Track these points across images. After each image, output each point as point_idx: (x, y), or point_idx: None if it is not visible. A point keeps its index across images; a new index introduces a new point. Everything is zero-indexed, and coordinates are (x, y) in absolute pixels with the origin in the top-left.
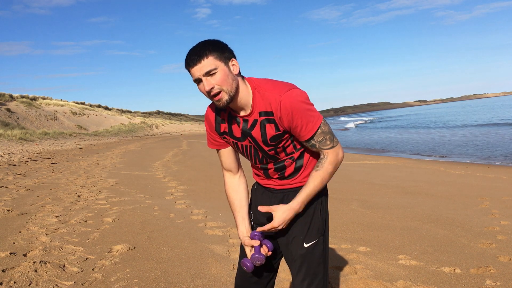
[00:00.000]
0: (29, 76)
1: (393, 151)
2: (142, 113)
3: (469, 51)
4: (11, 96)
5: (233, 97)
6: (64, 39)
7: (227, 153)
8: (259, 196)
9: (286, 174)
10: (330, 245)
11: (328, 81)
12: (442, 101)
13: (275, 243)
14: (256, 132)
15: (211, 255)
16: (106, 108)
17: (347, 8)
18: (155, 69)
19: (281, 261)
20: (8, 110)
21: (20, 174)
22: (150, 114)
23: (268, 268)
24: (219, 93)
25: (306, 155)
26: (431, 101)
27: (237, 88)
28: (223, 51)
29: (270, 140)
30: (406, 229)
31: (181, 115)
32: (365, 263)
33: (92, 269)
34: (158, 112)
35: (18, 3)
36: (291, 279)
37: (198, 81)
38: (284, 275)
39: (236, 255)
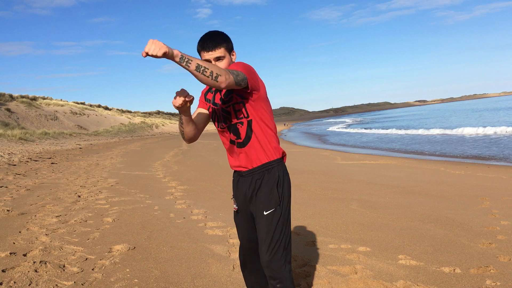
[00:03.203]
0: (30, 76)
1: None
2: (142, 113)
3: (469, 51)
4: (11, 96)
5: None
6: (65, 39)
7: (201, 113)
8: (236, 184)
9: (242, 137)
10: (330, 245)
11: (328, 81)
12: (442, 101)
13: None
14: (222, 92)
15: (211, 255)
16: (106, 108)
17: (347, 9)
18: (156, 69)
19: None
20: (8, 110)
21: (20, 174)
22: (150, 114)
23: (255, 236)
24: None
25: (255, 124)
26: (431, 101)
27: None
28: (229, 44)
29: (224, 95)
30: (406, 229)
31: None
32: (365, 263)
33: (92, 269)
34: (158, 112)
35: (19, 3)
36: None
37: (207, 61)
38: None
39: (236, 255)
